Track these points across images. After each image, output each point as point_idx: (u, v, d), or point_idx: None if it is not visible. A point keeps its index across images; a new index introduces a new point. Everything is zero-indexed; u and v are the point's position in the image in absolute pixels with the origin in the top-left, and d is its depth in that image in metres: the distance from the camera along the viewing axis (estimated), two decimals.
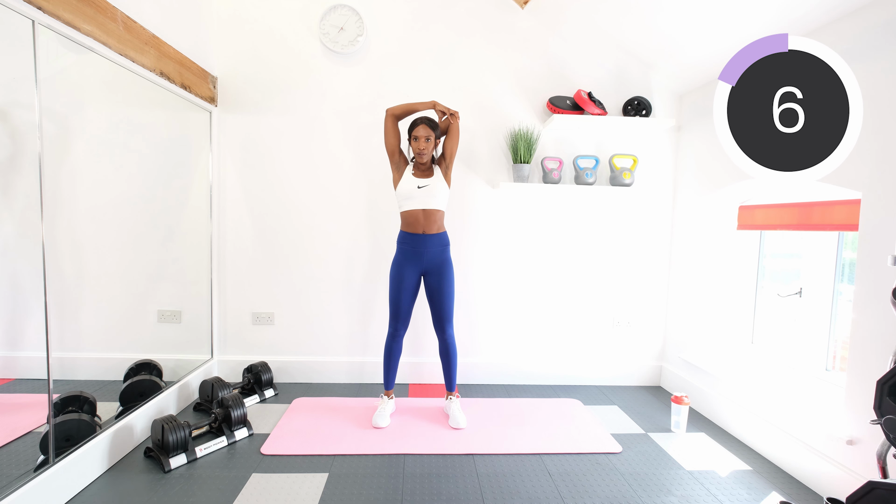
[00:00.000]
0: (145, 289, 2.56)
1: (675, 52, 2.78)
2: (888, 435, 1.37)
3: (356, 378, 3.15)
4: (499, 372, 3.21)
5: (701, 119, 2.92)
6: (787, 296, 2.51)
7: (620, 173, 2.99)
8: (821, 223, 2.26)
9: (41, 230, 1.72)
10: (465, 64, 3.05)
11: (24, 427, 1.80)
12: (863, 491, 1.35)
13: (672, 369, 3.15)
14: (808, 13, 1.99)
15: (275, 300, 3.10)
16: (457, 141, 2.52)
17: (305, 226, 3.08)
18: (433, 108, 2.49)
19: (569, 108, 2.97)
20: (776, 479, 2.09)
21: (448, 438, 2.38)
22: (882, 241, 1.76)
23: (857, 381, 1.86)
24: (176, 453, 2.08)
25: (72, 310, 2.07)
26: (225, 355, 3.11)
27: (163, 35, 2.36)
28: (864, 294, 1.83)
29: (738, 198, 2.83)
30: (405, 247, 2.51)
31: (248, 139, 3.02)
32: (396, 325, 2.57)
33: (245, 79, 2.98)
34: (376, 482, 2.00)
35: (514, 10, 3.04)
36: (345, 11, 2.92)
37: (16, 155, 1.78)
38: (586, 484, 2.02)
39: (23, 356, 1.87)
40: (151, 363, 2.47)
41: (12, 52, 1.67)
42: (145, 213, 2.52)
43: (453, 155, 2.54)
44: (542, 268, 3.19)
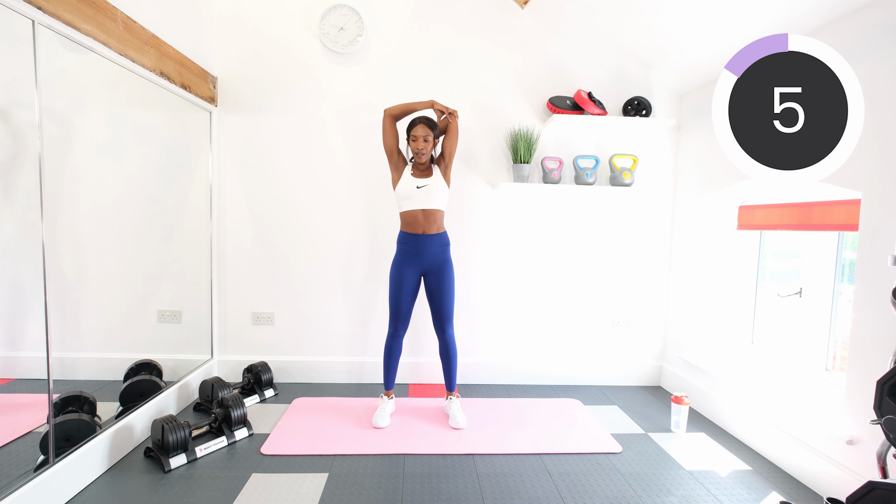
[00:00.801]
0: (145, 289, 2.56)
1: (675, 52, 2.78)
2: (888, 435, 1.37)
3: (356, 378, 3.15)
4: (499, 372, 3.21)
5: (701, 119, 2.92)
6: (787, 296, 2.51)
7: (620, 173, 2.99)
8: (821, 223, 2.26)
9: (41, 230, 1.72)
10: (465, 64, 3.05)
11: (24, 427, 1.80)
12: (863, 491, 1.35)
13: (672, 369, 3.15)
14: (808, 13, 1.99)
15: (275, 300, 3.10)
16: (456, 140, 2.52)
17: (305, 226, 3.08)
18: (432, 108, 2.49)
19: (569, 108, 2.97)
20: (776, 479, 2.09)
21: (448, 438, 2.38)
22: (882, 241, 1.76)
23: (857, 381, 1.86)
24: (176, 453, 2.08)
25: (72, 310, 2.07)
26: (225, 355, 3.11)
27: (163, 35, 2.36)
28: (864, 294, 1.83)
29: (738, 198, 2.83)
30: (405, 247, 2.51)
31: (248, 139, 3.02)
32: (396, 325, 2.57)
33: (245, 79, 2.98)
34: (376, 482, 2.00)
35: (514, 10, 3.04)
36: (345, 11, 2.92)
37: (16, 155, 1.78)
38: (586, 484, 2.02)
39: (23, 356, 1.88)
40: (151, 363, 2.47)
41: (12, 52, 1.67)
42: (145, 213, 2.52)
43: (452, 154, 2.54)
44: (542, 268, 3.19)
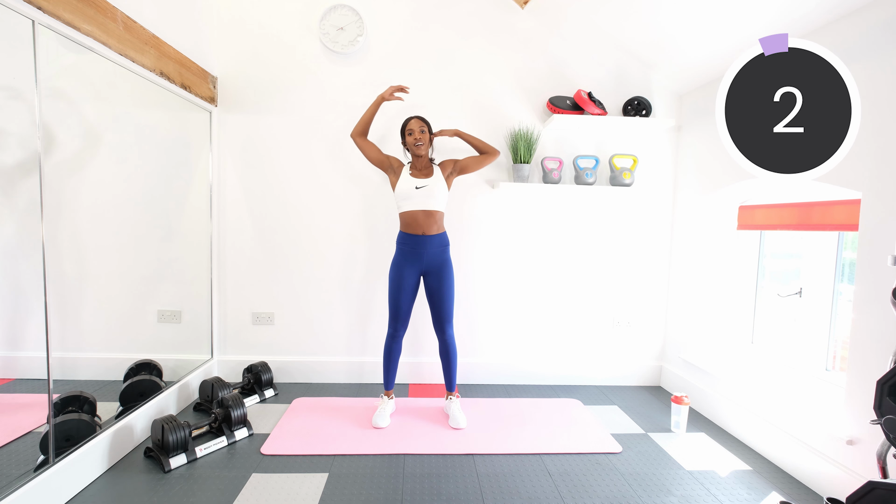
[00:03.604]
0: (145, 289, 2.56)
1: (675, 52, 2.78)
2: (888, 435, 1.37)
3: (356, 378, 3.15)
4: (499, 372, 3.21)
5: (701, 119, 2.92)
6: (787, 296, 2.51)
7: (620, 173, 2.99)
8: (821, 223, 2.26)
9: (41, 230, 1.72)
10: (465, 64, 3.05)
11: (24, 427, 1.80)
12: (863, 491, 1.35)
13: (672, 369, 3.15)
14: (808, 13, 1.99)
15: (275, 300, 3.10)
16: (480, 166, 2.61)
17: (305, 226, 3.08)
18: (383, 101, 2.54)
19: (569, 108, 2.97)
20: (776, 479, 2.09)
21: (448, 438, 2.38)
22: (882, 241, 1.76)
23: (857, 381, 1.86)
24: (176, 453, 2.08)
25: (72, 310, 2.07)
26: (225, 355, 3.11)
27: (163, 35, 2.36)
28: (864, 294, 1.83)
29: (738, 198, 2.83)
30: (405, 247, 2.51)
31: (248, 139, 3.01)
32: (396, 325, 2.57)
33: (245, 79, 2.98)
34: (376, 482, 2.00)
35: (515, 11, 3.04)
36: (345, 11, 2.92)
37: (16, 155, 1.78)
38: (586, 484, 2.02)
39: (23, 356, 1.88)
40: (151, 363, 2.47)
41: (12, 52, 1.67)
42: (145, 213, 2.52)
43: (466, 172, 2.61)
44: (542, 268, 3.19)
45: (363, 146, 2.54)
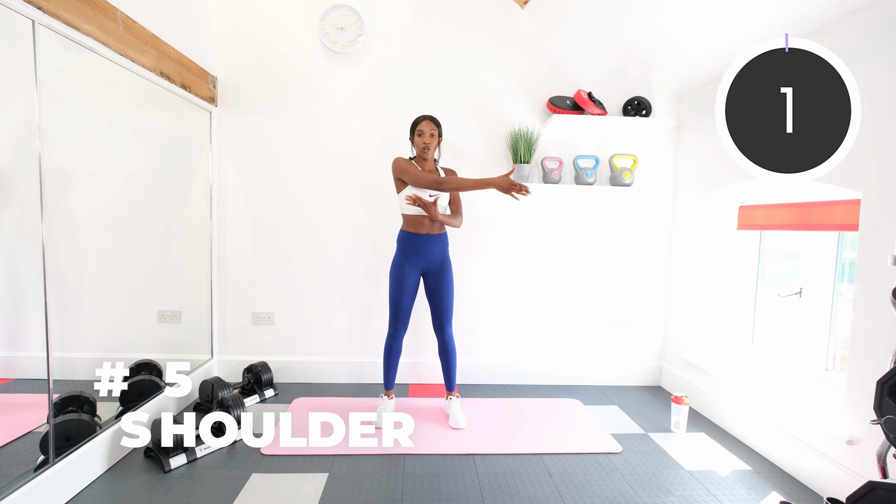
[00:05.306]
0: (145, 289, 2.56)
1: (675, 52, 2.78)
2: (888, 435, 1.37)
3: (356, 378, 3.15)
4: (499, 372, 3.21)
5: (701, 119, 2.92)
6: (787, 296, 2.51)
7: (620, 173, 2.99)
8: (821, 223, 2.26)
9: (41, 230, 1.72)
10: (465, 64, 3.05)
11: (24, 427, 1.80)
12: (863, 491, 1.35)
13: (672, 369, 3.15)
14: (808, 13, 1.99)
15: (275, 300, 3.10)
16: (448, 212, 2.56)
17: (305, 225, 3.08)
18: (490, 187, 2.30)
19: (569, 108, 2.97)
20: (776, 479, 2.09)
21: (448, 438, 2.38)
22: (882, 241, 1.76)
23: (857, 381, 1.86)
24: (176, 453, 2.08)
25: (72, 310, 2.07)
26: (225, 355, 3.11)
27: (163, 35, 2.35)
28: (864, 294, 1.83)
29: (738, 198, 2.83)
30: (406, 246, 2.51)
31: (248, 139, 3.01)
32: (396, 325, 2.56)
33: (245, 79, 2.98)
34: (376, 482, 2.00)
35: (515, 10, 3.04)
36: (345, 11, 2.92)
37: (16, 155, 1.78)
38: (586, 484, 2.02)
39: (23, 356, 1.88)
40: (151, 363, 2.47)
41: (12, 52, 1.67)
42: (145, 213, 2.52)
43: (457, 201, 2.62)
44: (542, 268, 3.18)
45: (423, 187, 2.39)
